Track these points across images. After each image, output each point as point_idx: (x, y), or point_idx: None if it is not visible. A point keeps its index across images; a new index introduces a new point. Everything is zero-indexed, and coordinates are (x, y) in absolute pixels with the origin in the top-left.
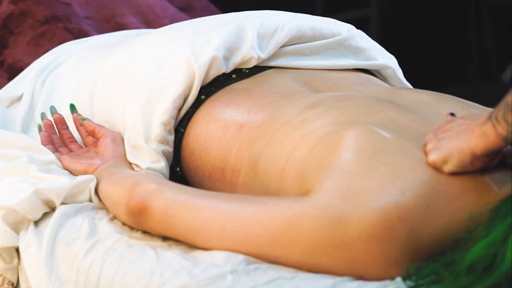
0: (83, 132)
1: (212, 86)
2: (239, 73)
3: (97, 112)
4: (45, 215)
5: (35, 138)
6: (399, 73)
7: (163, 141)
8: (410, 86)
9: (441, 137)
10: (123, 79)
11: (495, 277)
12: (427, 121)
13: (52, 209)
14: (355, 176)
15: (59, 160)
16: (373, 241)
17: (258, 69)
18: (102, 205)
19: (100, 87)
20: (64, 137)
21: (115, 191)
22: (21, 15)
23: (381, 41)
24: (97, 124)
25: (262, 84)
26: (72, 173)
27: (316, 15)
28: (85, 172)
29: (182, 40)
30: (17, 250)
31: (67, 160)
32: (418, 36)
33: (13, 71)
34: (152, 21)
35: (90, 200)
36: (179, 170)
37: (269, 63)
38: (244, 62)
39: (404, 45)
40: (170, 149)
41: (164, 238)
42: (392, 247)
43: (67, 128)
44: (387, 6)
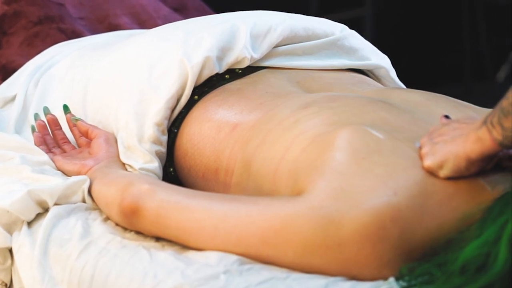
0: (77, 132)
1: (205, 86)
2: (232, 74)
3: (90, 112)
4: (38, 215)
5: (29, 139)
6: (392, 73)
7: (156, 141)
8: (403, 86)
9: (436, 141)
10: (116, 80)
11: (487, 277)
12: (420, 121)
13: (46, 209)
14: (348, 176)
15: (52, 160)
16: (365, 242)
17: (251, 69)
18: (96, 206)
19: (93, 87)
20: (57, 137)
21: (108, 191)
22: (14, 15)
23: (375, 41)
24: (91, 125)
25: (255, 84)
26: (65, 173)
27: (310, 15)
28: (78, 173)
29: (175, 41)
30: (10, 250)
31: (60, 160)
32: (412, 36)
33: (6, 72)
34: (145, 22)
35: (84, 201)
36: (173, 171)
37: (262, 63)
38: (237, 62)
39: (398, 45)
40: (163, 149)
41: (157, 239)
42: (385, 247)
43: (60, 128)
44: (381, 6)
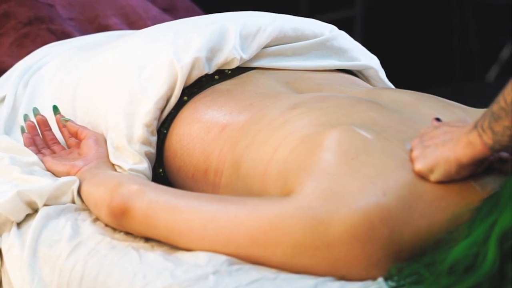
0: (66, 133)
1: (195, 87)
2: (222, 74)
3: (79, 113)
4: (27, 216)
5: (18, 139)
6: (382, 73)
7: (145, 142)
8: (392, 86)
9: (427, 144)
10: (106, 80)
11: (476, 278)
12: (408, 121)
13: (35, 210)
14: (337, 177)
15: (42, 161)
16: (354, 242)
17: (240, 70)
18: (85, 207)
19: (83, 88)
20: (47, 138)
21: (97, 192)
22: (4, 16)
23: (365, 41)
24: (80, 126)
25: (245, 85)
26: (55, 174)
27: (300, 15)
28: (67, 174)
29: (164, 42)
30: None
31: (50, 161)
32: (402, 36)
33: None
34: (135, 22)
35: (73, 202)
36: (162, 171)
37: (252, 64)
38: (226, 63)
39: (388, 45)
40: (153, 150)
41: (147, 239)
42: (374, 247)
43: (50, 129)
44: (371, 6)
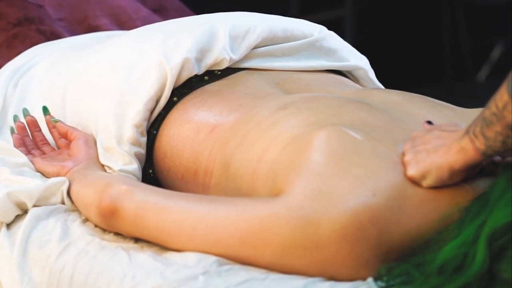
0: (56, 134)
1: (184, 88)
2: (211, 75)
3: (69, 114)
4: (17, 217)
5: (8, 140)
6: (371, 73)
7: (135, 143)
8: (382, 87)
9: (419, 149)
10: (96, 81)
11: (465, 278)
12: (398, 121)
13: (25, 211)
14: (326, 177)
15: (32, 162)
16: (343, 242)
17: (230, 70)
18: (75, 207)
19: (73, 89)
20: (36, 139)
21: (86, 193)
22: None
23: (356, 42)
24: (70, 126)
25: (234, 85)
26: (45, 175)
27: (290, 16)
28: (57, 174)
29: (153, 42)
30: None
31: (40, 162)
32: (393, 36)
33: None
34: (124, 23)
35: (63, 202)
36: (152, 172)
37: (241, 64)
38: (216, 64)
39: (379, 45)
40: (143, 151)
41: (137, 240)
42: (363, 248)
43: (39, 130)
44: (362, 6)
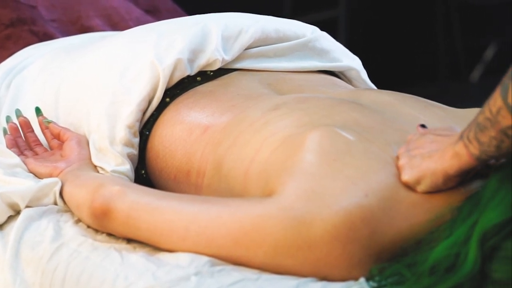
0: (49, 135)
1: (177, 88)
2: (204, 76)
3: (62, 115)
4: (10, 218)
5: (0, 141)
6: (363, 74)
7: (128, 143)
8: (374, 87)
9: (413, 154)
10: (88, 82)
11: (457, 278)
12: (390, 121)
13: (17, 212)
14: (319, 177)
15: (24, 163)
16: (336, 242)
17: (222, 71)
18: (67, 208)
19: (65, 89)
20: (29, 140)
21: (79, 193)
22: None
23: (349, 42)
24: (63, 127)
25: (227, 86)
26: (37, 176)
27: (284, 16)
28: (50, 175)
29: (146, 43)
30: None
31: (32, 163)
32: (386, 36)
33: None
34: (117, 24)
35: (55, 203)
36: (144, 173)
37: (234, 65)
38: (208, 65)
39: (372, 45)
40: (135, 151)
41: (129, 241)
42: (355, 248)
43: (32, 131)
44: (355, 6)
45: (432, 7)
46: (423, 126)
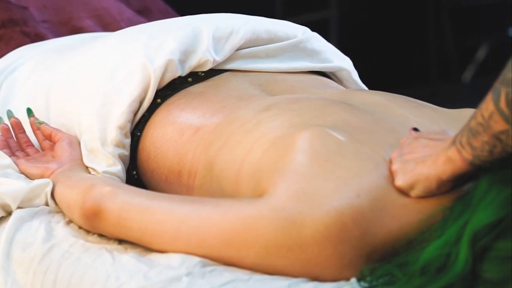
0: (40, 136)
1: (168, 89)
2: (195, 77)
3: (53, 115)
4: (1, 219)
5: None
6: (354, 74)
7: (119, 144)
8: (365, 88)
9: (407, 158)
10: (80, 83)
11: (448, 278)
12: (380, 121)
13: (8, 213)
14: (310, 178)
15: (16, 164)
16: (327, 243)
17: (213, 72)
18: (59, 209)
19: (57, 90)
20: (20, 141)
21: (70, 194)
22: None
23: (341, 43)
24: (54, 128)
25: (218, 87)
26: (29, 177)
27: (276, 17)
28: (41, 176)
29: (137, 44)
30: None
31: (24, 164)
32: (378, 38)
33: None
34: (109, 25)
35: (47, 204)
36: (136, 174)
37: (225, 66)
38: (199, 65)
39: (364, 47)
40: (127, 152)
41: (120, 241)
42: (346, 248)
43: (24, 132)
44: (346, 8)
45: (423, 8)
46: (415, 129)
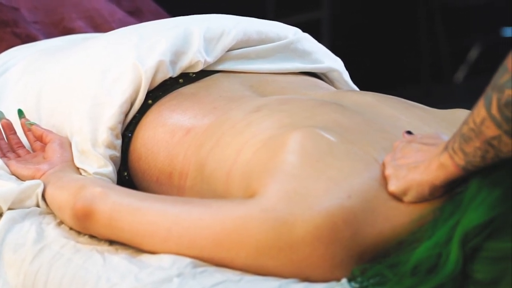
0: (31, 137)
1: (159, 90)
2: (186, 78)
3: (44, 117)
4: None
5: None
6: (346, 75)
7: (110, 146)
8: (357, 89)
9: (399, 163)
10: (71, 84)
11: (439, 278)
12: (371, 122)
13: None
14: (301, 178)
15: (7, 165)
16: (318, 243)
17: (205, 73)
18: (50, 210)
19: (48, 91)
20: (11, 142)
21: (61, 195)
22: None
23: (332, 44)
24: (45, 129)
25: (209, 88)
26: (20, 178)
27: (267, 18)
28: (32, 177)
29: (128, 45)
30: None
31: (15, 165)
32: (370, 39)
33: None
34: (100, 25)
35: (38, 205)
36: (127, 175)
37: (216, 67)
38: (191, 66)
39: (356, 47)
40: (118, 153)
41: (111, 242)
42: (337, 249)
43: (15, 133)
44: (338, 9)
45: (415, 9)
46: (409, 132)
